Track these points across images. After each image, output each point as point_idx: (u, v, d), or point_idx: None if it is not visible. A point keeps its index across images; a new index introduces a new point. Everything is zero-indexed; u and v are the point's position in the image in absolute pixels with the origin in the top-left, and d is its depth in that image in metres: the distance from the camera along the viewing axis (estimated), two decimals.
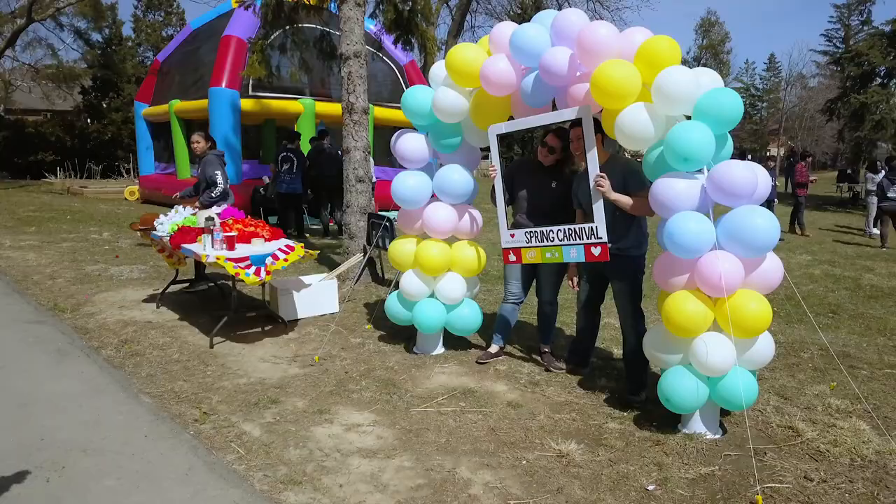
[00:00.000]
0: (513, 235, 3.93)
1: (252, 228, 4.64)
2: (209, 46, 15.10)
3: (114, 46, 26.59)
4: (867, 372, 4.31)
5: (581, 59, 3.40)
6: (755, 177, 3.07)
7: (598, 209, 3.44)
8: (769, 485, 2.77)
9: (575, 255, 3.61)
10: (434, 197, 4.23)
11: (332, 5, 6.78)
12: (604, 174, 3.40)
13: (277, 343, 4.63)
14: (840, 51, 22.93)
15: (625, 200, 3.42)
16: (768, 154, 58.04)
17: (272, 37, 8.15)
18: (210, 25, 15.64)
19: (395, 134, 4.31)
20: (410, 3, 7.00)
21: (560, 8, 29.21)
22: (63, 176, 20.91)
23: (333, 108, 13.79)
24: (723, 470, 2.91)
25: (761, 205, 3.17)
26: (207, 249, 4.28)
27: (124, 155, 24.75)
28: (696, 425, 3.25)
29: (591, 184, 3.43)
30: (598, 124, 3.49)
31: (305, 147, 11.20)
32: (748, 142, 58.59)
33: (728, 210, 3.11)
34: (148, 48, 27.92)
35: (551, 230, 3.70)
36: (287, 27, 7.12)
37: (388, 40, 7.79)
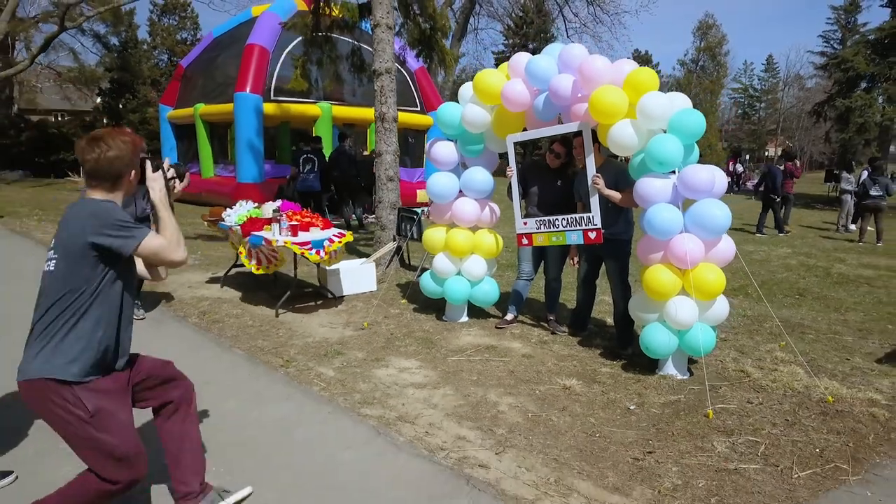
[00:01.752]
0: (525, 223, 4.88)
1: (308, 219, 5.60)
2: (230, 53, 16.04)
3: (130, 49, 27.56)
4: (813, 336, 5.27)
5: (581, 84, 4.35)
6: (714, 177, 4.03)
7: (595, 202, 4.40)
8: (719, 405, 3.73)
9: (575, 238, 4.57)
10: (461, 193, 5.19)
11: (365, 24, 7.72)
12: (599, 174, 4.36)
13: (330, 313, 5.60)
14: (837, 51, 23.92)
15: (615, 195, 4.37)
16: (767, 155, 58.74)
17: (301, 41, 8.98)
18: (231, 33, 16.57)
19: (430, 142, 5.26)
20: (431, 23, 7.95)
21: (561, 11, 30.01)
22: None
23: (347, 112, 14.76)
24: (686, 397, 3.87)
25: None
26: (276, 235, 5.24)
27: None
28: (669, 368, 4.21)
29: (589, 181, 4.39)
30: (594, 134, 4.44)
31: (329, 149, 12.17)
32: (746, 142, 59.37)
33: (693, 202, 4.06)
34: (163, 51, 28.86)
35: (556, 219, 4.66)
36: (323, 44, 8.05)
37: (410, 55, 8.72)
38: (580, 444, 3.25)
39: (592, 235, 4.45)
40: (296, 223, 5.30)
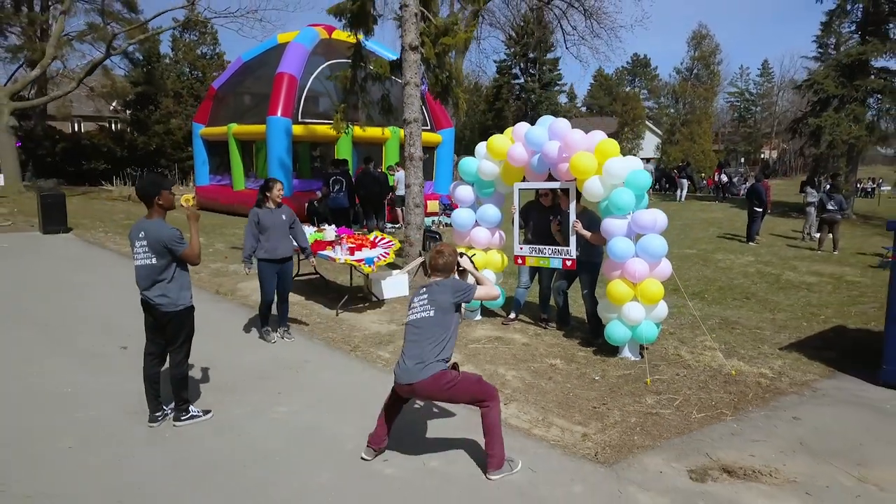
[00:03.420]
0: (521, 248, 6.64)
1: (360, 241, 7.34)
2: (259, 77, 17.82)
3: (153, 64, 29.35)
4: (740, 331, 7.02)
5: (564, 149, 6.08)
6: (656, 219, 5.76)
7: (573, 240, 6.14)
8: (656, 377, 5.47)
9: (556, 264, 6.33)
10: (476, 223, 6.93)
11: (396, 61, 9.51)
12: (578, 220, 6.10)
13: (377, 313, 7.35)
14: (831, 55, 25.47)
15: (588, 235, 6.10)
16: (762, 158, 60.09)
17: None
18: (259, 59, 18.32)
19: (453, 185, 7.02)
20: (448, 73, 9.70)
21: (559, 23, 31.54)
22: (120, 183, 23.64)
23: (364, 132, 16.48)
24: (635, 372, 5.61)
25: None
26: (338, 254, 6.99)
27: (167, 164, 27.46)
28: (626, 353, 5.95)
29: (570, 225, 6.13)
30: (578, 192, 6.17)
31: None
32: (742, 145, 61.03)
33: (642, 236, 5.79)
34: (185, 65, 30.62)
35: (544, 248, 6.41)
36: (360, 92, 9.84)
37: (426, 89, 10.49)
38: (559, 400, 4.99)
39: (569, 263, 6.22)
40: (353, 245, 7.06)
